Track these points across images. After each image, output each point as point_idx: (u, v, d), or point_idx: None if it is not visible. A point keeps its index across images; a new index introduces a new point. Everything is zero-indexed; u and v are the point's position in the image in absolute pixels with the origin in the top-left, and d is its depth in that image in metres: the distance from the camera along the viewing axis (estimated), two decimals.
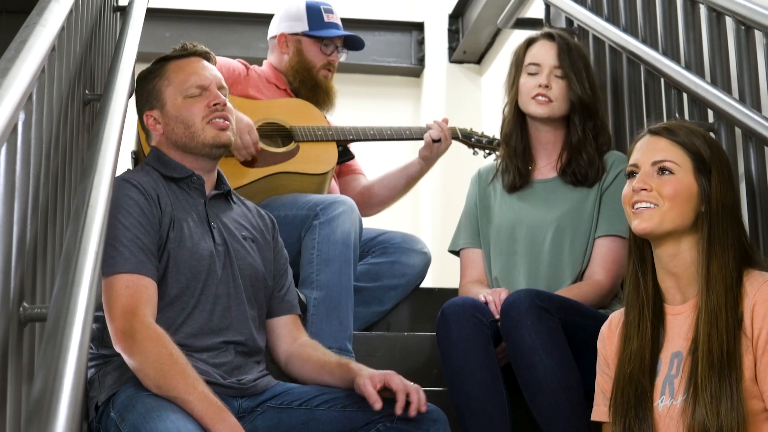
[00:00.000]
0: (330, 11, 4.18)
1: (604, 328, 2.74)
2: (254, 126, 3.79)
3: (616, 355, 2.63)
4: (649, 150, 2.61)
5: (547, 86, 3.47)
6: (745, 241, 2.57)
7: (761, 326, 2.42)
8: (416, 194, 4.28)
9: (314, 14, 4.14)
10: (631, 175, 2.62)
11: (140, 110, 3.05)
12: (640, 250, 2.63)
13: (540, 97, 3.47)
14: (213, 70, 3.07)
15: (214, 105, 2.97)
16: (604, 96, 3.79)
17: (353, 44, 4.23)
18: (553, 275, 3.38)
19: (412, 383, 2.75)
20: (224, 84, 3.07)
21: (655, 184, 2.56)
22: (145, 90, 3.03)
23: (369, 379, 2.74)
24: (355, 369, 2.82)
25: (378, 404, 2.68)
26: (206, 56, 3.10)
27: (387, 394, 2.73)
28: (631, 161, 2.64)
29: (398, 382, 2.74)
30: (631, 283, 2.64)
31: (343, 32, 4.16)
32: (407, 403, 2.70)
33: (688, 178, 2.56)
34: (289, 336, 3.01)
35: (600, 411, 2.68)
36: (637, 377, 2.53)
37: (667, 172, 2.56)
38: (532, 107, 3.49)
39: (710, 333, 2.43)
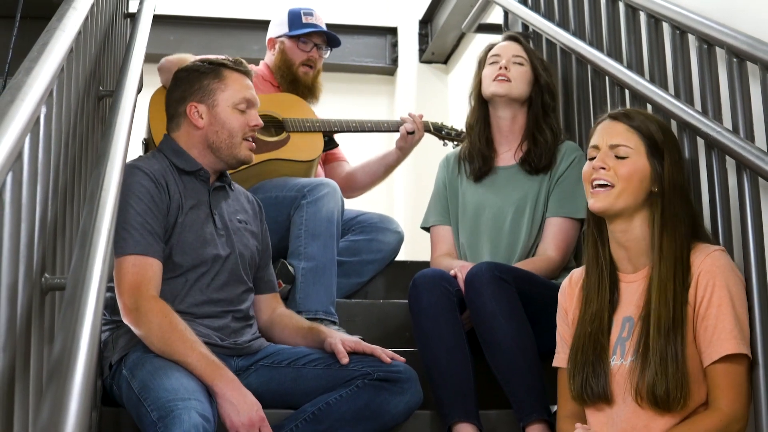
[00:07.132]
0: (309, 14, 4.15)
1: (564, 283, 2.73)
2: None
3: (576, 309, 2.63)
4: (607, 133, 2.59)
5: (506, 68, 3.48)
6: (695, 218, 2.56)
7: (703, 294, 2.43)
8: (390, 178, 4.28)
9: (294, 18, 4.14)
10: (592, 155, 2.61)
11: (184, 97, 2.97)
12: (597, 223, 2.62)
13: (500, 77, 3.48)
14: (256, 93, 3.04)
15: (254, 126, 2.97)
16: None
17: (333, 41, 4.21)
18: (511, 251, 3.39)
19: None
20: None
21: (613, 164, 2.55)
22: (198, 83, 2.97)
23: (341, 340, 2.83)
24: (325, 332, 2.91)
25: (345, 359, 2.78)
26: (251, 77, 3.07)
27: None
28: (592, 143, 2.62)
29: (367, 345, 2.84)
30: (591, 252, 2.62)
31: (316, 29, 4.13)
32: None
33: (642, 160, 2.55)
34: (269, 308, 3.07)
35: (560, 358, 2.68)
36: (597, 336, 2.52)
37: (623, 155, 2.56)
38: (492, 87, 3.48)
39: (659, 301, 2.43)
